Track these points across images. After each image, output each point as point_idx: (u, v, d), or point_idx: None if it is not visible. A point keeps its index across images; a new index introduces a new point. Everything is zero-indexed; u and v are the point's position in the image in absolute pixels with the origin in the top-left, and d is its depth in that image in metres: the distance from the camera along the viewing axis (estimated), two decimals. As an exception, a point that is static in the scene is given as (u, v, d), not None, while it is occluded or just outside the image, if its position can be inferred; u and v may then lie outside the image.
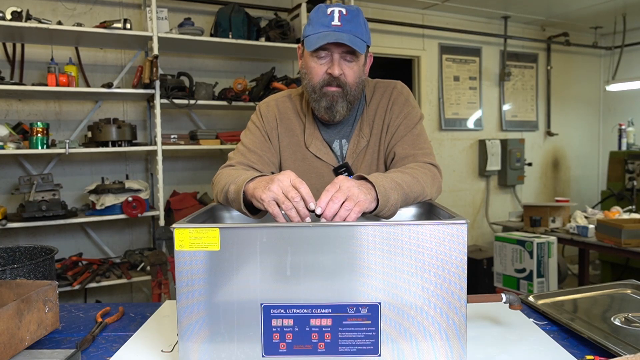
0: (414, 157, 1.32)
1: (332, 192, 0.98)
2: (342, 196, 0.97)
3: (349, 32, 1.25)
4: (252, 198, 1.07)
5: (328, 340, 0.92)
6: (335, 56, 1.28)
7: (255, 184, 1.07)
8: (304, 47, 1.34)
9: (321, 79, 1.31)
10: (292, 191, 0.99)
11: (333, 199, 0.97)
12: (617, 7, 4.65)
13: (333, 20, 1.26)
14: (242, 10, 3.35)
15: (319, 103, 1.33)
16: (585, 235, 3.36)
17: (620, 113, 5.53)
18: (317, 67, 1.31)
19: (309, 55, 1.32)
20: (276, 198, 1.00)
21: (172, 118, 3.57)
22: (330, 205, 0.97)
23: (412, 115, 1.40)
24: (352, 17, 1.27)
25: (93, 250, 3.38)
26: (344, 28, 1.25)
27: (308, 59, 1.32)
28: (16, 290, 1.12)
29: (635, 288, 1.38)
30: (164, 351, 1.07)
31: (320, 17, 1.28)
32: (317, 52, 1.29)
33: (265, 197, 1.01)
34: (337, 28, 1.25)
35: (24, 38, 3.01)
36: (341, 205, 0.97)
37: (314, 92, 1.33)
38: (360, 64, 1.33)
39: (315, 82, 1.32)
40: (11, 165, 3.15)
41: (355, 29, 1.26)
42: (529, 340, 1.09)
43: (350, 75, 1.31)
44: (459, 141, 4.94)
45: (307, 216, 0.99)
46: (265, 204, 1.01)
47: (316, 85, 1.32)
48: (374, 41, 5.05)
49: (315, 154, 1.40)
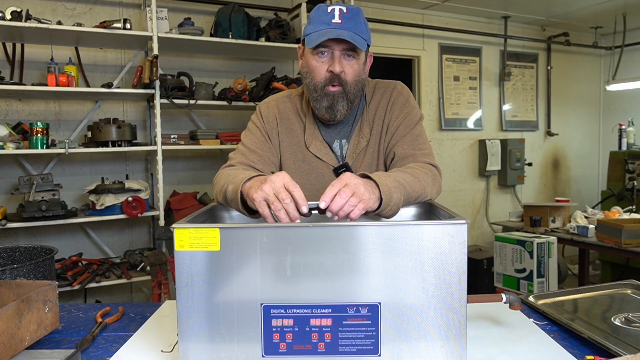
0: (413, 157, 1.33)
1: (338, 187, 0.98)
2: (349, 192, 0.98)
3: (349, 29, 1.26)
4: (247, 197, 1.08)
5: (328, 340, 0.92)
6: (336, 53, 1.29)
7: (251, 184, 1.07)
8: (305, 47, 1.34)
9: (323, 78, 1.31)
10: (283, 192, 0.98)
11: (340, 194, 0.97)
12: (617, 7, 4.64)
13: (334, 18, 1.26)
14: (242, 10, 3.35)
15: (320, 103, 1.33)
16: (586, 235, 3.36)
17: (620, 113, 5.53)
18: (318, 65, 1.31)
19: (309, 54, 1.32)
20: (266, 198, 0.99)
21: (172, 118, 3.57)
22: (337, 199, 0.97)
23: (412, 116, 1.40)
24: (353, 15, 1.28)
25: (93, 250, 3.38)
26: (344, 25, 1.26)
27: (309, 58, 1.32)
28: (16, 290, 1.12)
29: (635, 288, 1.37)
30: (164, 351, 1.07)
31: (320, 15, 1.28)
32: (318, 50, 1.29)
33: (256, 196, 1.01)
34: (338, 25, 1.26)
35: (24, 38, 3.01)
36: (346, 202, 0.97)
37: (315, 91, 1.33)
38: (360, 62, 1.33)
39: (317, 80, 1.32)
40: (11, 165, 3.15)
41: (355, 27, 1.27)
42: (529, 340, 1.09)
43: (350, 73, 1.31)
44: (459, 141, 4.94)
45: (296, 219, 0.98)
46: (256, 203, 1.01)
47: (318, 85, 1.32)
48: (374, 41, 5.03)
49: (316, 154, 1.40)
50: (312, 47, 1.28)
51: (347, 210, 0.97)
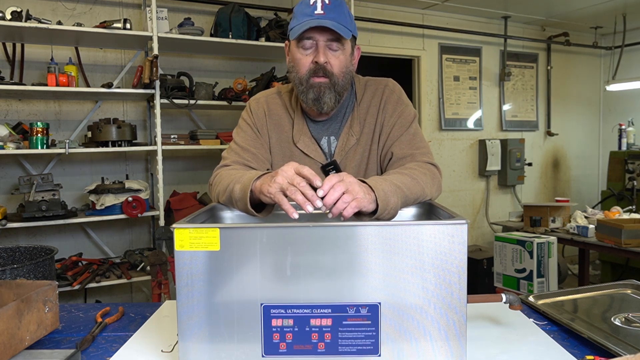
0: (412, 157, 1.32)
1: (334, 181, 0.98)
2: (342, 187, 0.98)
3: (332, 19, 1.25)
4: (260, 195, 1.08)
5: (328, 340, 0.92)
6: (320, 44, 1.28)
7: (262, 181, 1.09)
8: (290, 42, 1.34)
9: (307, 70, 1.30)
10: (296, 178, 1.00)
11: (334, 187, 0.97)
12: (617, 7, 4.64)
13: (316, 10, 1.26)
14: (242, 10, 3.35)
15: (307, 95, 1.31)
16: (586, 235, 3.36)
17: (620, 113, 5.53)
18: (302, 57, 1.30)
19: (294, 47, 1.31)
20: (282, 188, 1.01)
21: (172, 118, 3.57)
22: (331, 192, 0.97)
23: (406, 114, 1.38)
24: (335, 6, 1.27)
25: (93, 250, 3.38)
26: (327, 16, 1.25)
27: (294, 51, 1.32)
28: (16, 290, 1.12)
29: (635, 288, 1.37)
30: (164, 351, 1.07)
31: (303, 8, 1.28)
32: (302, 43, 1.29)
33: (272, 189, 1.02)
34: (321, 16, 1.25)
35: (24, 38, 3.01)
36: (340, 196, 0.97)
37: (301, 83, 1.32)
38: (346, 53, 1.32)
39: (302, 73, 1.31)
40: (11, 165, 3.15)
41: (338, 17, 1.26)
42: (529, 340, 1.09)
43: (336, 64, 1.30)
44: (459, 141, 4.94)
45: (314, 197, 0.97)
46: (273, 196, 1.02)
47: (303, 77, 1.31)
48: (374, 41, 4.98)
49: (303, 150, 1.39)
50: (296, 39, 1.28)
51: (340, 207, 0.97)
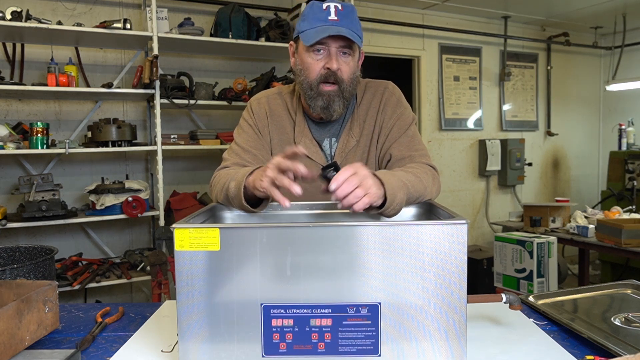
0: (411, 159, 1.32)
1: (348, 174, 0.97)
2: (356, 181, 0.97)
3: (346, 26, 1.25)
4: (254, 190, 1.09)
5: (328, 340, 0.92)
6: (333, 50, 1.28)
7: (254, 177, 1.10)
8: (297, 44, 1.34)
9: (318, 75, 1.30)
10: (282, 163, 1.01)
11: (348, 180, 0.97)
12: (617, 7, 4.64)
13: (330, 15, 1.26)
14: (242, 10, 3.35)
15: (315, 102, 1.32)
16: (586, 235, 3.36)
17: (620, 113, 5.53)
18: (314, 62, 1.30)
19: (304, 51, 1.31)
20: (272, 180, 1.02)
21: (172, 118, 3.57)
22: (345, 186, 0.96)
23: (405, 117, 1.39)
24: (348, 12, 1.28)
25: (93, 250, 3.38)
26: (341, 22, 1.25)
27: (304, 55, 1.31)
28: (16, 290, 1.12)
29: (635, 288, 1.37)
30: (164, 351, 1.07)
31: (316, 12, 1.28)
32: (314, 47, 1.28)
33: (264, 184, 1.04)
34: (335, 22, 1.25)
35: (24, 38, 3.01)
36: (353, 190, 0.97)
37: (310, 89, 1.32)
38: (355, 59, 1.33)
39: (312, 78, 1.30)
40: (11, 165, 3.15)
41: (351, 24, 1.27)
42: (529, 340, 1.09)
43: (346, 71, 1.30)
44: (459, 141, 4.94)
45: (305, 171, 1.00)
46: (266, 190, 1.04)
47: (313, 82, 1.31)
48: (374, 41, 4.99)
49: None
50: (310, 45, 1.27)
51: (352, 201, 0.97)
